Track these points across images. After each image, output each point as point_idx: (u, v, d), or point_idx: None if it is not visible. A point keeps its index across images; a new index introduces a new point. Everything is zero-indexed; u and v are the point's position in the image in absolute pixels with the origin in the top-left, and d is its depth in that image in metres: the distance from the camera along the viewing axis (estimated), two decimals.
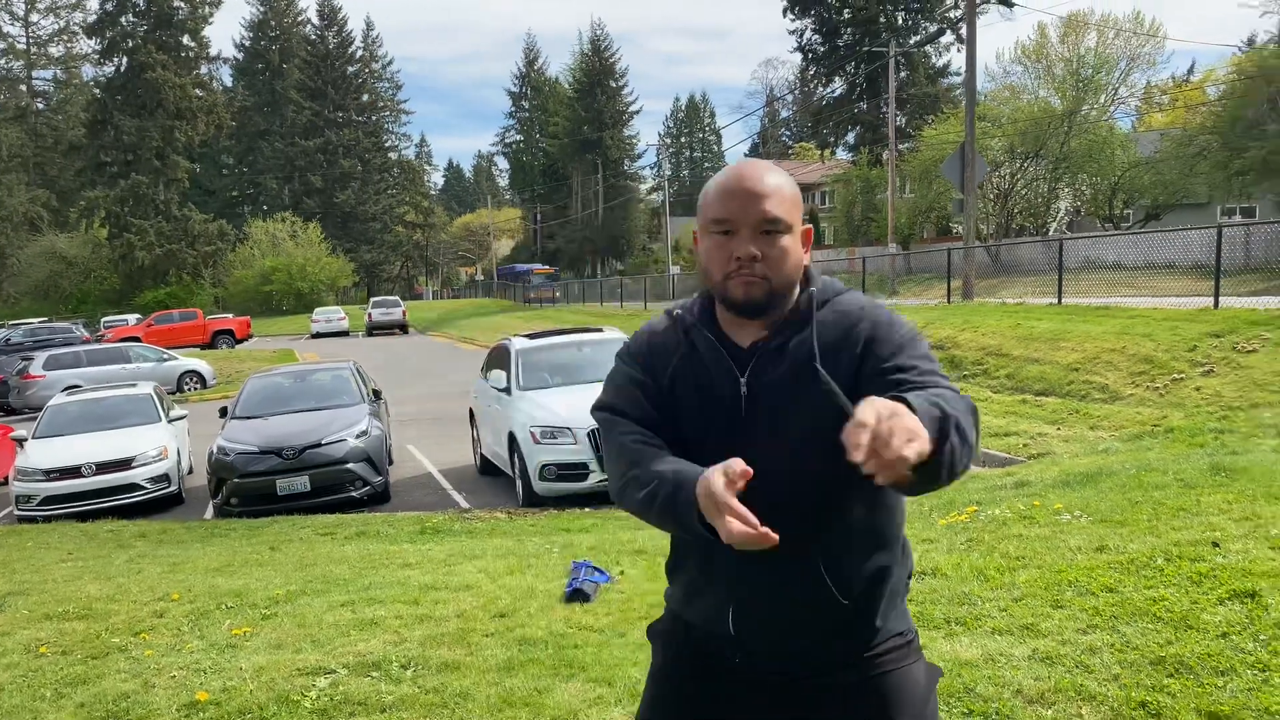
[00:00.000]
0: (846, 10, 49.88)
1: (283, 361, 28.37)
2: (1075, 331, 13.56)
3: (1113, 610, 4.20)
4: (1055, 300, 16.49)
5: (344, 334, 45.63)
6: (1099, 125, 38.48)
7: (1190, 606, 4.12)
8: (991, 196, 38.01)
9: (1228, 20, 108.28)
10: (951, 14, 46.24)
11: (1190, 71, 60.96)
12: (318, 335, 45.00)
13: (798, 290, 1.82)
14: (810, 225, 1.87)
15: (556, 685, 4.07)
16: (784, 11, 51.98)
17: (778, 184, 1.77)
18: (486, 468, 11.90)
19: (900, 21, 49.51)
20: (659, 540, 6.80)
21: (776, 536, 1.48)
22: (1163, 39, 42.46)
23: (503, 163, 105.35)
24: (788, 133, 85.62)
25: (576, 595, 5.21)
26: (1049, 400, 12.00)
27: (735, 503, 1.48)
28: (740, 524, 1.47)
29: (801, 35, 52.70)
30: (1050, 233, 40.19)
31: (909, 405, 1.43)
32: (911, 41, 47.41)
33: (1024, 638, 4.05)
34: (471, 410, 12.63)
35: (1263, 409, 9.75)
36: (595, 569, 5.65)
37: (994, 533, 5.88)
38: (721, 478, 1.50)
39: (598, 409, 1.93)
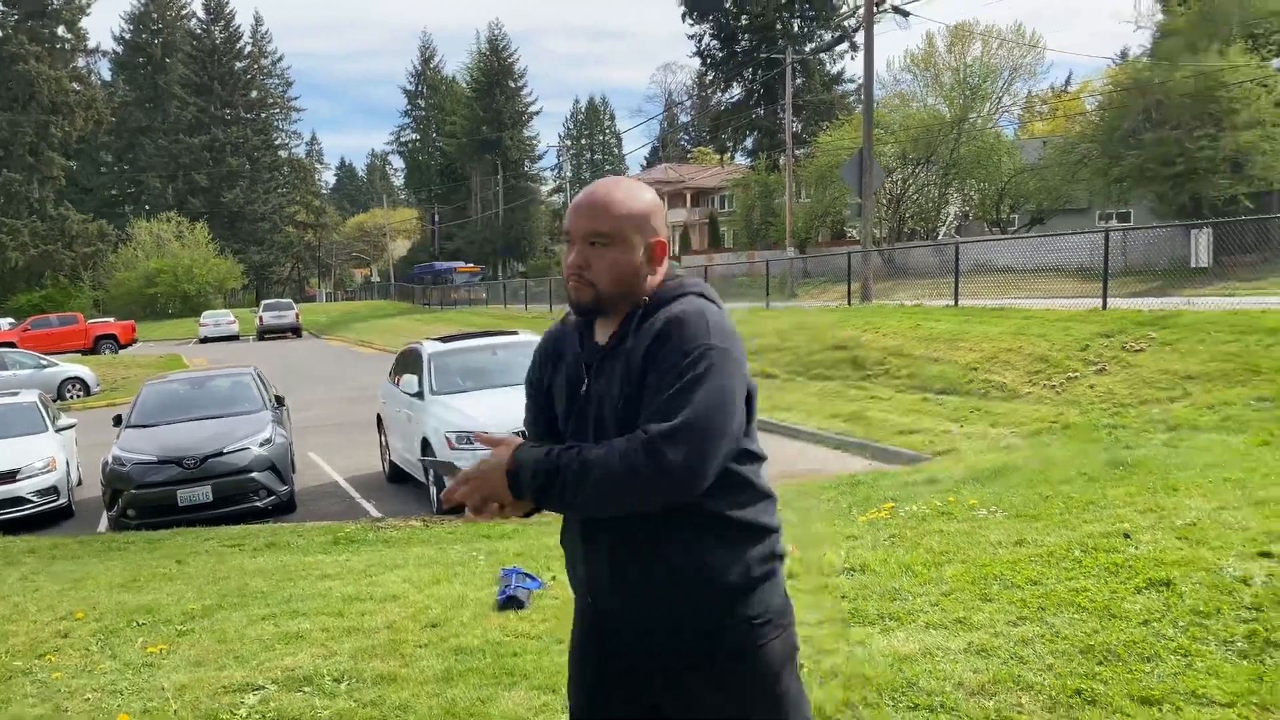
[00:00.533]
0: (744, 17, 50.54)
1: (170, 367, 27.33)
2: (973, 332, 14.02)
3: (1039, 602, 4.35)
4: (952, 302, 17.02)
5: (234, 338, 44.17)
6: (986, 133, 39.91)
7: (1111, 596, 4.30)
8: (885, 201, 39.05)
9: (1103, 34, 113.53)
10: (847, 23, 47.34)
11: (1068, 82, 63.70)
12: (206, 340, 43.47)
13: (645, 298, 1.94)
14: (662, 239, 1.96)
15: (500, 694, 4.01)
16: (683, 16, 52.42)
17: (615, 199, 1.92)
18: (396, 475, 11.67)
19: (796, 29, 50.43)
20: None
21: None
22: (1042, 50, 44.32)
23: (398, 162, 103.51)
24: (687, 137, 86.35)
25: (510, 603, 5.14)
26: (950, 399, 12.38)
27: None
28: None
29: (700, 40, 53.21)
30: (940, 237, 41.54)
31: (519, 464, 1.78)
32: (808, 49, 48.37)
33: (958, 631, 4.16)
34: (380, 416, 12.37)
35: (1152, 405, 10.25)
36: (526, 575, 5.59)
37: (915, 529, 6.03)
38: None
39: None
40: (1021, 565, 4.89)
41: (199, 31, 77.35)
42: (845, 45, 49.54)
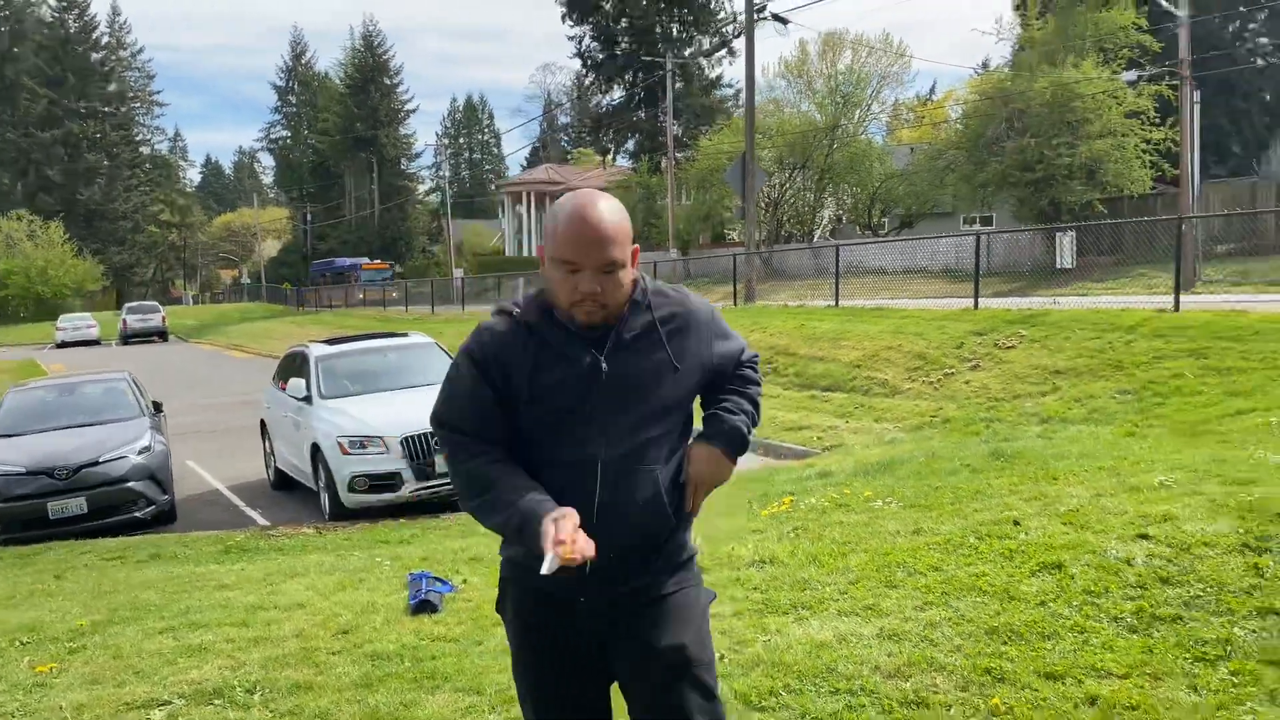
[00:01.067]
0: (624, 19, 50.83)
1: (28, 375, 25.83)
2: (855, 331, 14.48)
3: (942, 587, 4.56)
4: (833, 303, 17.52)
5: (94, 343, 42.02)
6: (857, 140, 41.20)
7: (1008, 580, 4.53)
8: (764, 205, 39.85)
9: (965, 45, 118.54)
10: (726, 29, 48.12)
11: (932, 91, 66.30)
12: (64, 345, 41.23)
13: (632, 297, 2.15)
14: (637, 245, 2.14)
15: (422, 698, 3.97)
16: (563, 17, 52.38)
17: (616, 225, 2.05)
18: (283, 481, 11.34)
19: (676, 33, 50.98)
20: (495, 548, 6.73)
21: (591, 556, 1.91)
22: (909, 60, 45.92)
23: (268, 159, 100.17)
24: (567, 138, 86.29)
25: (423, 607, 5.09)
26: (835, 395, 12.77)
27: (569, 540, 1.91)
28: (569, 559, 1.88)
29: (581, 42, 53.25)
30: (815, 239, 42.69)
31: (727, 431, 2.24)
32: (686, 53, 48.96)
33: (869, 618, 4.32)
34: (263, 421, 11.99)
35: (1024, 399, 10.79)
36: (437, 579, 5.54)
37: (817, 520, 6.22)
38: (552, 527, 1.91)
39: (440, 426, 2.18)
40: (921, 553, 5.11)
41: (50, 20, 73.31)
42: (723, 50, 50.45)
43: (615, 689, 2.27)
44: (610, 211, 2.05)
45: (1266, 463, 6.00)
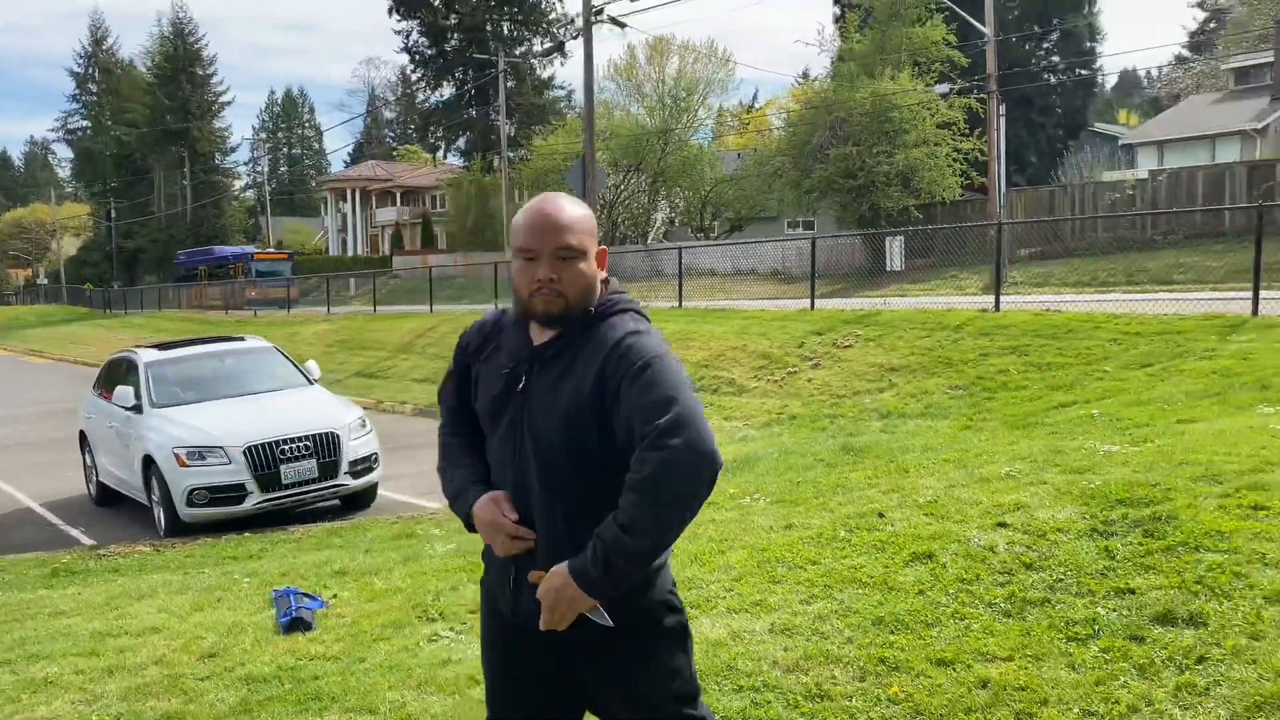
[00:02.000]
0: (454, 15, 50.06)
1: None
2: (701, 332, 14.76)
3: (823, 580, 4.70)
4: (676, 304, 17.80)
5: None
6: (689, 144, 42.03)
7: (884, 571, 4.72)
8: (599, 207, 40.08)
9: (787, 55, 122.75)
10: (557, 30, 48.14)
11: (755, 98, 68.52)
12: None
13: (591, 307, 2.11)
14: (604, 246, 2.17)
15: None
16: (389, 11, 51.11)
17: (575, 217, 2.08)
18: (107, 497, 10.61)
19: (507, 32, 50.60)
20: (359, 560, 6.50)
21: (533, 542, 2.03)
22: (733, 67, 47.15)
23: (65, 151, 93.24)
24: (393, 135, 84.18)
25: (296, 625, 4.85)
26: None
27: (511, 526, 2.06)
28: (513, 541, 2.05)
29: (408, 37, 52.14)
30: (650, 241, 43.27)
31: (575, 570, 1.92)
32: (518, 52, 48.66)
33: (758, 614, 4.41)
34: (83, 432, 11.16)
35: (864, 396, 11.27)
36: (305, 595, 5.29)
37: None
38: (492, 509, 2.08)
39: (440, 398, 2.38)
40: (797, 547, 5.25)
41: None
42: (556, 52, 50.44)
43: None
44: (569, 203, 2.11)
45: (1097, 452, 6.46)
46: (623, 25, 22.22)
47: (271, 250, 52.71)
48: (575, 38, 30.68)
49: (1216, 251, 22.05)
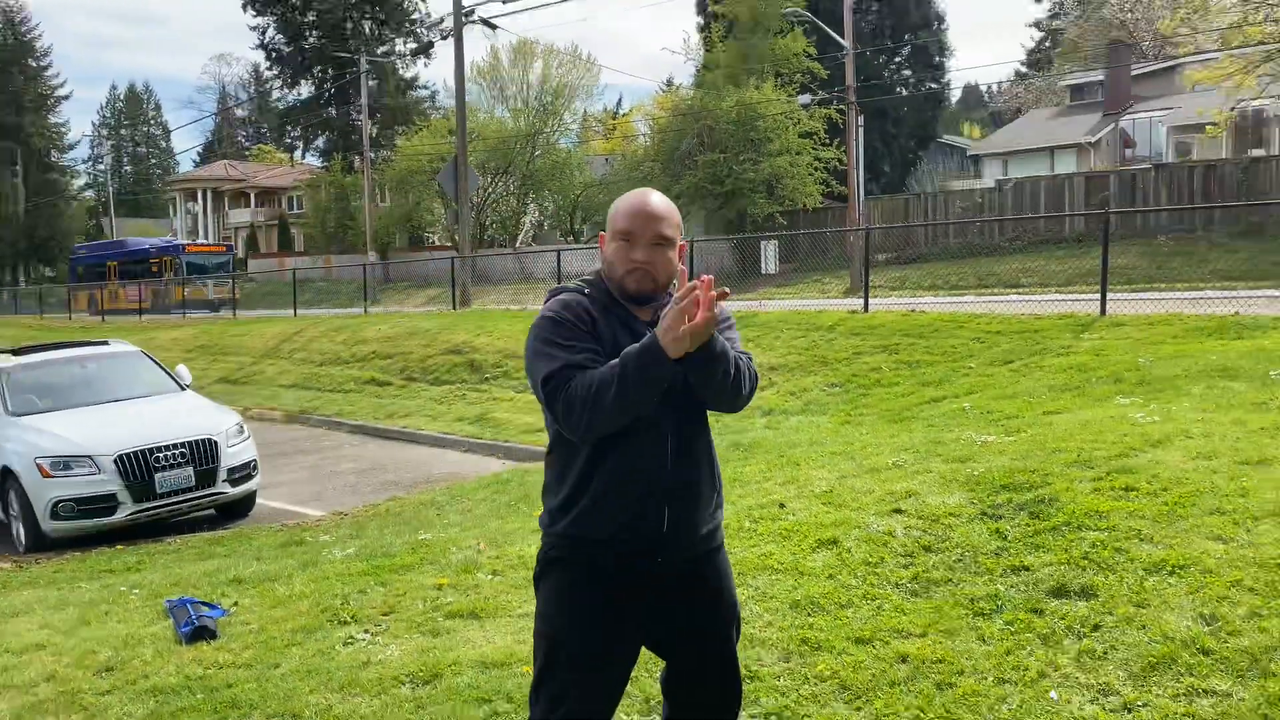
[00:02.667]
0: (312, 12, 48.64)
1: None
2: None
3: (737, 568, 4.82)
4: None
5: None
6: (557, 148, 42.05)
7: (793, 558, 4.89)
8: (468, 208, 39.68)
9: (651, 62, 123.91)
10: (420, 29, 47.39)
11: (619, 104, 69.07)
12: None
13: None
14: (685, 241, 2.45)
15: None
16: (244, 6, 49.28)
17: (670, 210, 2.42)
18: None
19: (368, 31, 49.48)
20: (254, 567, 6.29)
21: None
22: (598, 72, 47.43)
23: None
24: (246, 134, 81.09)
25: (200, 634, 4.68)
26: None
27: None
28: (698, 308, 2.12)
29: (264, 33, 50.36)
30: (519, 244, 43.06)
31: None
32: (380, 51, 47.65)
33: None
34: None
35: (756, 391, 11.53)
36: (203, 604, 5.10)
37: None
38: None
39: (550, 380, 2.27)
40: None
41: None
42: (419, 52, 49.62)
43: None
44: (663, 198, 2.43)
45: (975, 442, 6.84)
46: (494, 27, 22.13)
47: (205, 242, 46.33)
48: (446, 38, 30.30)
49: (1059, 256, 23.44)
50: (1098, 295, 11.84)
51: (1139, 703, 3.16)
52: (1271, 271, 18.82)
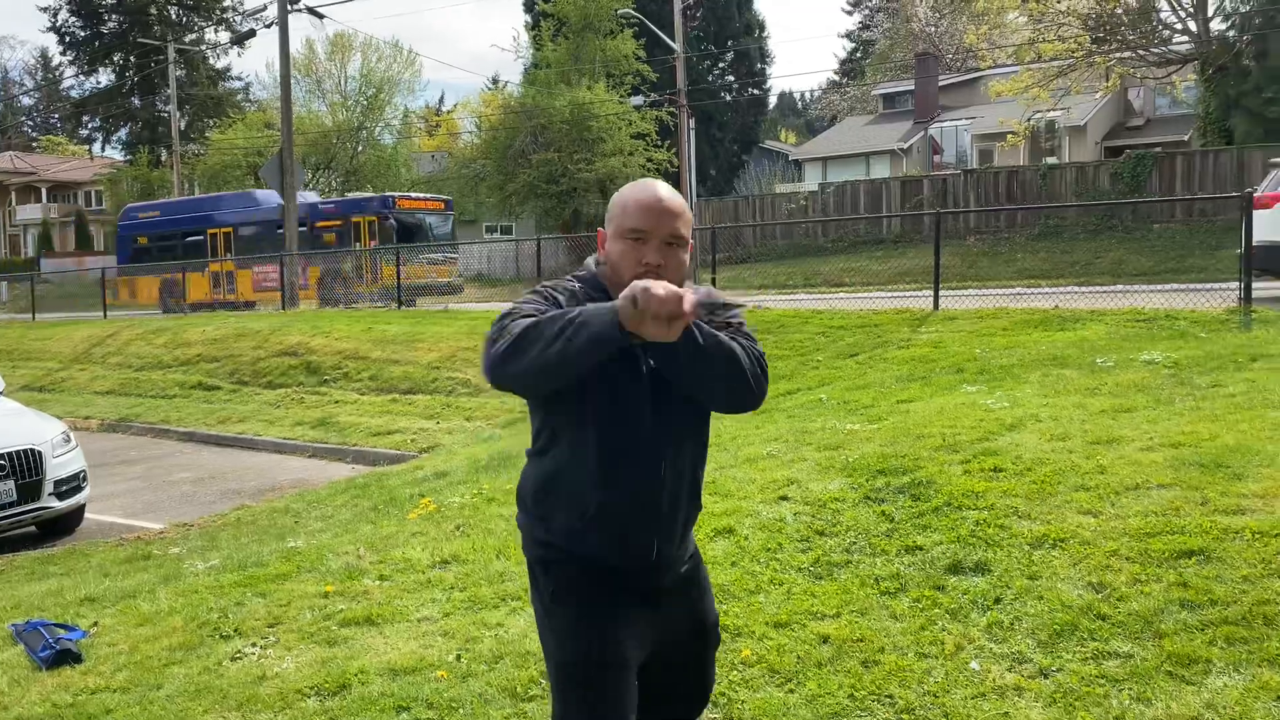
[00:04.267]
0: None
1: None
2: (428, 333, 14.46)
3: None
4: (397, 306, 17.32)
5: None
6: (380, 144, 40.91)
7: None
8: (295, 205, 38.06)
9: (477, 58, 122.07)
10: (233, 18, 45.08)
11: (441, 101, 67.92)
12: None
13: None
14: (693, 241, 2.25)
15: None
16: None
17: (683, 206, 2.19)
18: None
19: (175, 17, 46.69)
20: (104, 585, 5.81)
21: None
22: (420, 68, 46.39)
23: None
24: (33, 123, 74.95)
25: (64, 657, 4.27)
26: (419, 398, 12.67)
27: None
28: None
29: (55, 15, 46.70)
30: None
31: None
32: (188, 39, 45.05)
33: None
34: None
35: None
36: (58, 626, 4.67)
37: (477, 515, 6.20)
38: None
39: (506, 315, 2.03)
40: None
41: None
42: (227, 39, 47.20)
43: None
44: (674, 191, 2.20)
45: (841, 430, 7.07)
46: (321, 16, 21.27)
47: (418, 195, 27.86)
48: (270, 26, 28.92)
49: (879, 256, 24.66)
50: (925, 292, 12.50)
51: (1053, 668, 3.34)
52: (1069, 270, 20.42)
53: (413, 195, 27.43)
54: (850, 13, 58.06)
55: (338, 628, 4.42)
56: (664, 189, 2.18)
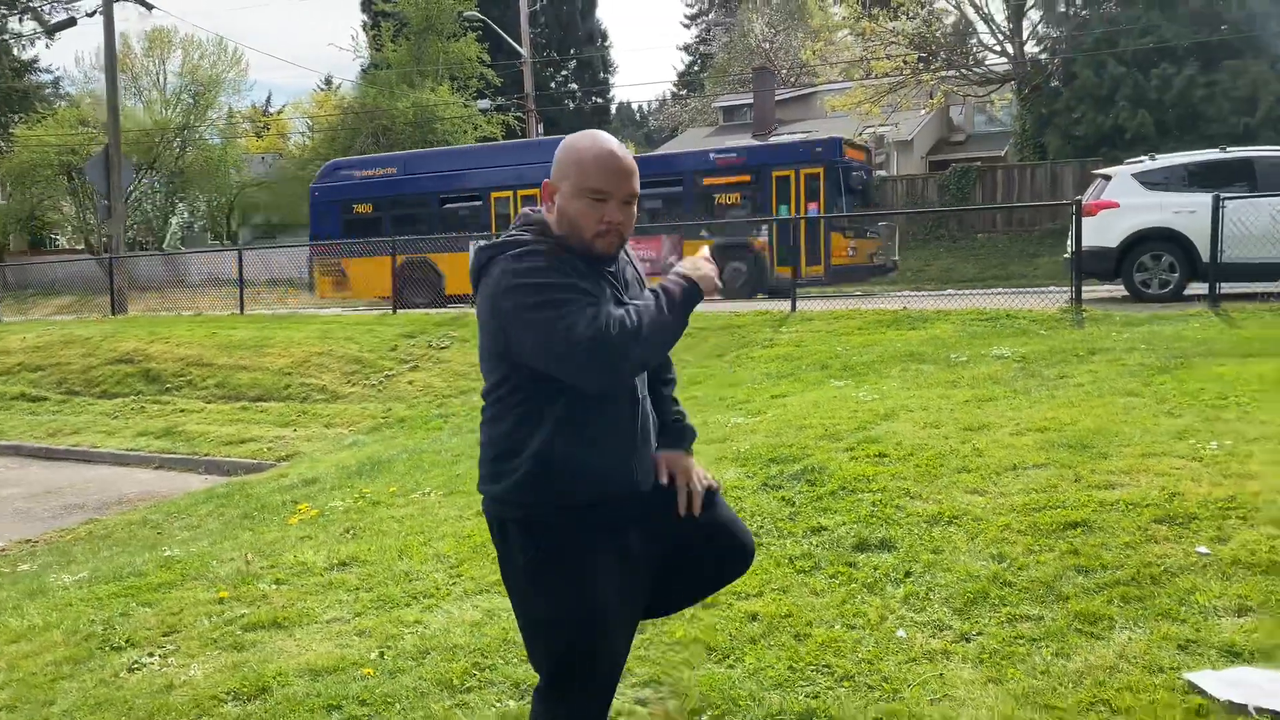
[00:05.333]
0: None
1: None
2: (278, 338, 13.89)
3: None
4: (239, 311, 16.57)
5: None
6: (209, 145, 39.01)
7: None
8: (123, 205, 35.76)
9: (307, 58, 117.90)
10: (41, 7, 41.94)
11: (269, 101, 65.27)
12: None
13: None
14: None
15: None
16: None
17: (634, 164, 2.27)
18: None
19: None
20: None
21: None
22: (246, 66, 44.53)
23: None
24: None
25: None
26: (271, 405, 12.16)
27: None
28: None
29: None
30: (164, 246, 39.42)
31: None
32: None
33: (503, 594, 4.39)
34: None
35: (471, 394, 11.39)
36: None
37: (365, 518, 6.03)
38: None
39: (603, 333, 2.09)
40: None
41: None
42: (33, 29, 43.95)
43: None
44: (622, 146, 2.27)
45: (727, 424, 7.25)
46: (150, 7, 20.13)
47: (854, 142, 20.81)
48: (93, 14, 27.15)
49: None
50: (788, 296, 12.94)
51: (974, 632, 3.54)
52: (903, 277, 21.51)
53: (852, 141, 20.02)
54: (688, 26, 59.35)
55: (242, 632, 4.22)
56: (616, 144, 2.24)
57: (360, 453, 9.49)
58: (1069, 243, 12.18)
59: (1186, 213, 11.20)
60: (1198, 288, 11.18)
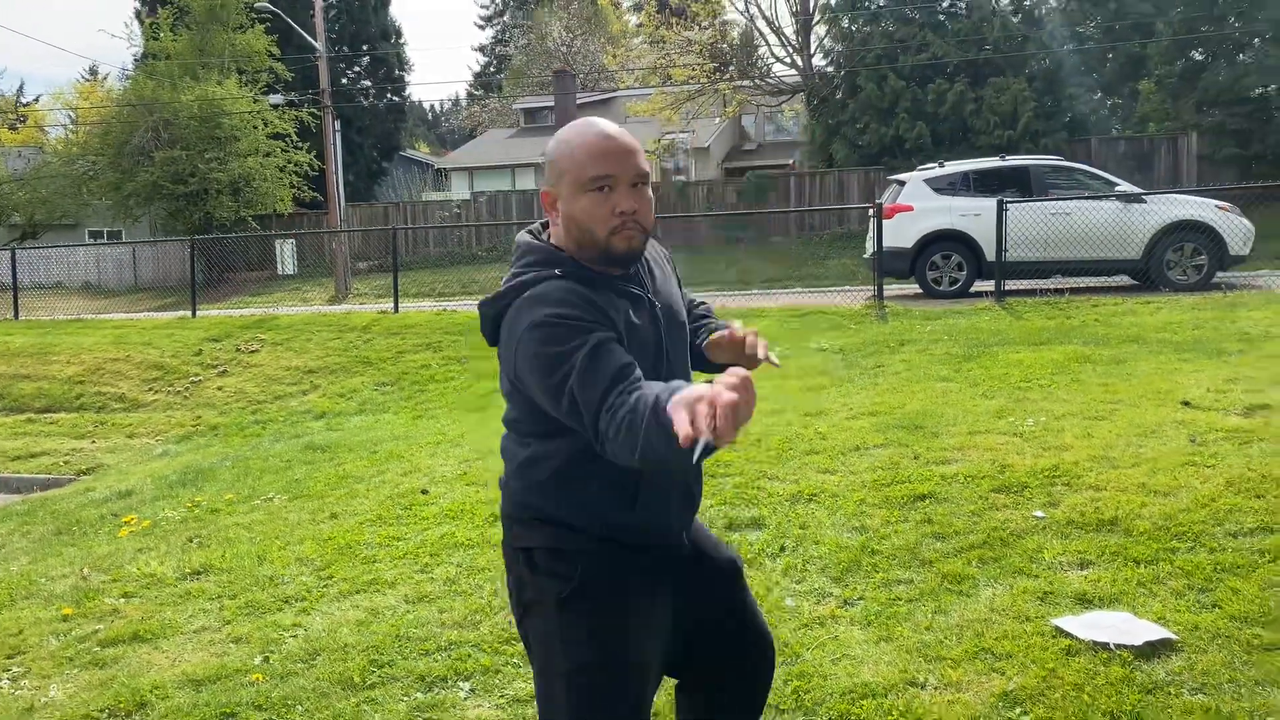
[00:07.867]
0: None
1: None
2: (64, 344, 12.82)
3: (425, 550, 4.74)
4: (13, 316, 15.17)
5: None
6: None
7: (479, 532, 4.91)
8: None
9: (68, 42, 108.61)
10: None
11: (21, 91, 59.88)
12: None
13: None
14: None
15: None
16: None
17: (636, 140, 1.89)
18: None
19: None
20: None
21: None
22: None
23: None
24: None
25: None
26: (62, 416, 11.23)
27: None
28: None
29: None
30: None
31: None
32: None
33: (382, 589, 4.31)
34: None
35: (288, 399, 10.95)
36: None
37: (209, 527, 5.74)
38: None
39: (602, 403, 1.67)
40: (366, 530, 5.18)
41: None
42: None
43: None
44: (616, 124, 1.90)
45: None
46: None
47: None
48: None
49: None
50: None
51: (855, 597, 3.79)
52: (708, 278, 22.26)
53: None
54: (483, 27, 58.89)
55: (99, 648, 3.95)
56: (607, 124, 1.89)
57: (175, 462, 8.96)
58: (868, 243, 13.00)
59: (972, 215, 12.19)
60: (983, 285, 12.20)
